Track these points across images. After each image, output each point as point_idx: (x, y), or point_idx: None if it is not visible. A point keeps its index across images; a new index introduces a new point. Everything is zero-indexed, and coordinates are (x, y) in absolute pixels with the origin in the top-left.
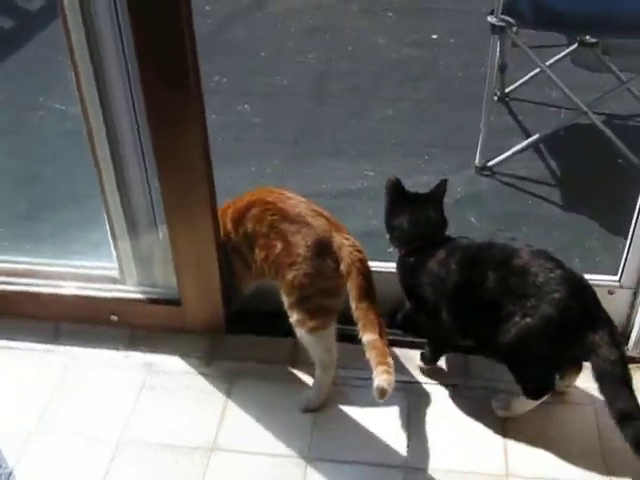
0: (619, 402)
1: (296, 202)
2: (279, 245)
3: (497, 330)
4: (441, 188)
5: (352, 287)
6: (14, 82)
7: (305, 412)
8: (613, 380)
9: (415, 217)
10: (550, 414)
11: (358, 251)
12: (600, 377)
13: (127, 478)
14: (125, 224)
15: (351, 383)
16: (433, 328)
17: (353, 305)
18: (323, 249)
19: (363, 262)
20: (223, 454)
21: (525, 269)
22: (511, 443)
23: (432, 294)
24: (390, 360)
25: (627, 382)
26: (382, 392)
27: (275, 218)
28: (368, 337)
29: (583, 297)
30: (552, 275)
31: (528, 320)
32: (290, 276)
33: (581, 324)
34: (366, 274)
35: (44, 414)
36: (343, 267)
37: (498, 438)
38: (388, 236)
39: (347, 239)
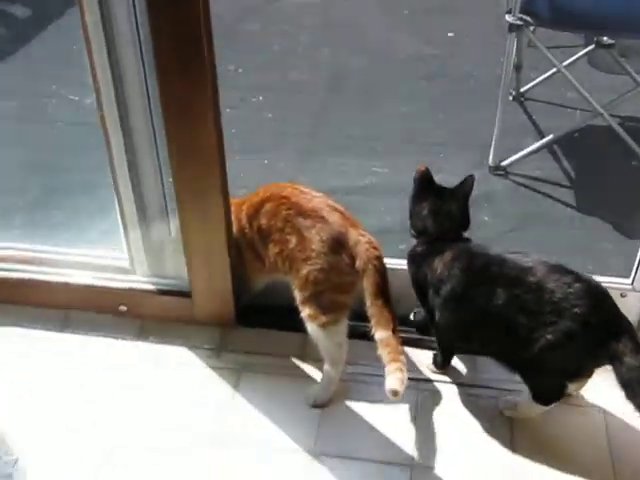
0: None
1: (310, 197)
2: (293, 240)
3: (511, 344)
4: (467, 184)
5: (368, 284)
6: (28, 70)
7: (312, 407)
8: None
9: (436, 208)
10: (558, 417)
11: (374, 248)
12: (626, 384)
13: (129, 464)
14: (136, 213)
15: (359, 379)
16: (433, 326)
17: (368, 302)
18: (338, 245)
19: (380, 259)
20: (229, 448)
21: (540, 285)
22: (518, 444)
23: (430, 291)
24: (403, 357)
25: None
26: (394, 392)
27: (290, 212)
28: (381, 334)
29: (604, 308)
30: (571, 290)
31: (549, 337)
32: (304, 271)
33: (604, 335)
34: (382, 272)
35: (51, 401)
36: (359, 264)
37: (505, 439)
38: (409, 224)
39: (363, 235)
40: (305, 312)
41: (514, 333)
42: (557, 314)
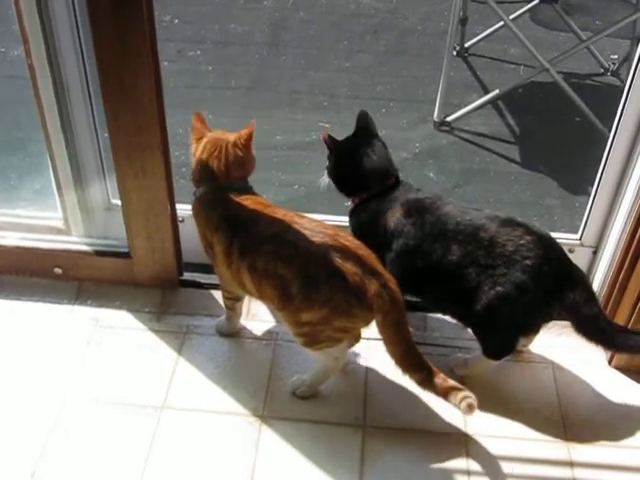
0: (621, 341)
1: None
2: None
3: (463, 297)
4: (365, 119)
5: (388, 337)
6: None
7: (292, 395)
8: (602, 332)
9: (370, 153)
10: (508, 372)
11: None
12: (589, 335)
13: (74, 437)
14: (71, 171)
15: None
16: None
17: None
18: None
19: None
20: (174, 412)
21: (493, 240)
22: None
23: (381, 247)
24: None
25: (612, 324)
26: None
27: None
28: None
29: (555, 259)
30: (522, 242)
31: (499, 289)
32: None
33: (556, 286)
34: (403, 323)
35: None
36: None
37: None
38: (341, 190)
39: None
40: (297, 340)
41: (466, 286)
42: (508, 266)
